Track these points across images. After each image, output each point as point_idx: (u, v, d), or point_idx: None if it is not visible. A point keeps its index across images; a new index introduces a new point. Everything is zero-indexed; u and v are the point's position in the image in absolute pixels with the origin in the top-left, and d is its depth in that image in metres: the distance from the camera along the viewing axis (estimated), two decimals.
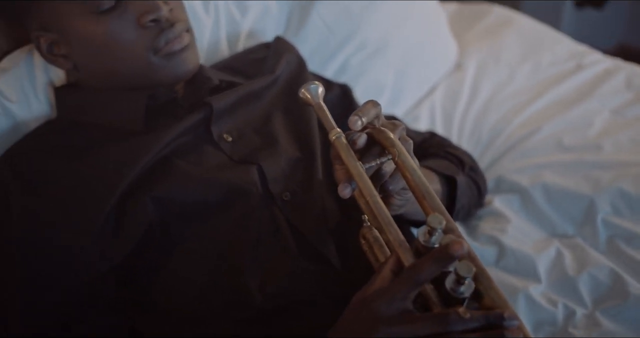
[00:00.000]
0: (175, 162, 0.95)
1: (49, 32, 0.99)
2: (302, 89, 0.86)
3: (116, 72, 1.00)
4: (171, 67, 0.99)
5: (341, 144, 0.79)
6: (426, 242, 0.71)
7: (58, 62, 1.01)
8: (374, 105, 0.80)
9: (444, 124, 1.44)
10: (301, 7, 1.36)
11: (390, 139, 0.79)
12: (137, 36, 0.97)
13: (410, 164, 0.78)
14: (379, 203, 0.76)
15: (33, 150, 0.97)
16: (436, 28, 1.53)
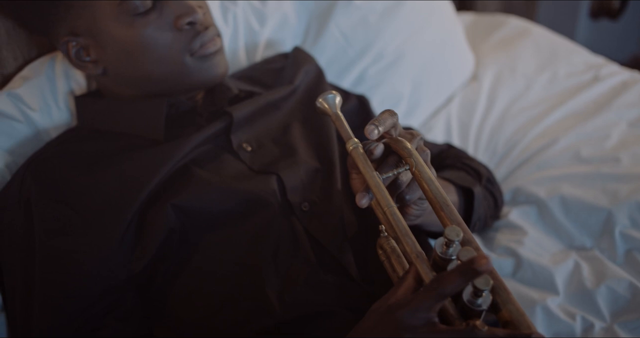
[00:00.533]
0: (195, 170, 0.95)
1: (79, 37, 0.99)
2: (319, 98, 0.86)
3: (149, 76, 1.00)
4: (205, 70, 1.00)
5: (358, 154, 0.80)
6: (443, 253, 0.71)
7: (87, 67, 1.01)
8: (391, 115, 0.81)
9: (460, 135, 1.44)
10: (319, 17, 1.37)
11: (408, 149, 0.79)
12: (173, 38, 0.98)
13: (428, 174, 0.78)
14: (396, 214, 0.76)
15: (55, 158, 0.98)
16: (453, 39, 1.53)
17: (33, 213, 0.92)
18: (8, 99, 1.07)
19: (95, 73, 1.02)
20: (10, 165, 1.03)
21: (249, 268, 0.90)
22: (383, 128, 0.79)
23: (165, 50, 0.98)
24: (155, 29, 0.97)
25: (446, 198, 0.76)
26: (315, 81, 1.17)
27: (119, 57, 0.99)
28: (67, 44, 1.00)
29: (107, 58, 1.00)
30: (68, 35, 0.99)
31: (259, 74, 1.20)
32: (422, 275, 0.71)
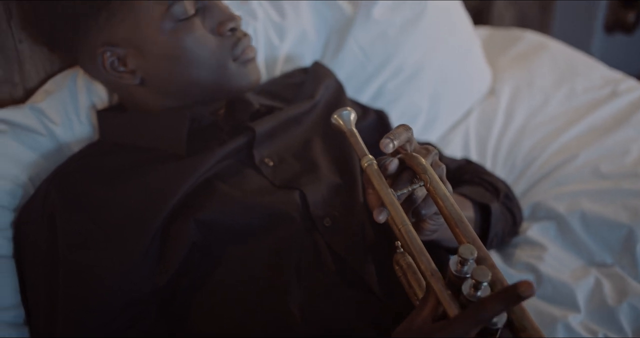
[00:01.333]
0: (217, 185, 0.96)
1: (117, 47, 0.99)
2: (334, 115, 0.87)
3: (192, 82, 1.00)
4: (245, 74, 1.02)
5: (373, 171, 0.80)
6: (458, 272, 0.70)
7: (123, 78, 1.01)
8: (406, 129, 0.80)
9: (478, 150, 1.43)
10: (338, 32, 1.38)
11: (422, 165, 0.79)
12: (217, 44, 0.99)
13: (442, 190, 0.77)
14: (411, 232, 0.76)
15: (78, 173, 0.98)
16: (471, 53, 1.53)
17: (57, 227, 0.92)
18: (31, 113, 1.07)
19: (132, 83, 1.01)
20: (33, 178, 1.03)
21: (272, 283, 0.90)
22: (398, 142, 0.79)
23: (211, 56, 0.99)
24: (201, 35, 0.98)
25: (461, 215, 0.76)
26: (335, 96, 1.17)
27: (160, 65, 0.99)
28: (103, 55, 0.99)
29: (147, 66, 0.99)
30: (104, 46, 0.99)
31: (278, 89, 1.20)
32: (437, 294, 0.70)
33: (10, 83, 1.11)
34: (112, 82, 1.03)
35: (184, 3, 0.96)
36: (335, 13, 1.38)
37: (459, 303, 0.69)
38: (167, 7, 0.96)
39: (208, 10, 1.00)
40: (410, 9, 1.39)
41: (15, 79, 1.11)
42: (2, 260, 0.97)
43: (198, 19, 0.99)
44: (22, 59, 1.11)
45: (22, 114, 1.07)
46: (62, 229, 0.92)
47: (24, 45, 1.11)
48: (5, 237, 0.98)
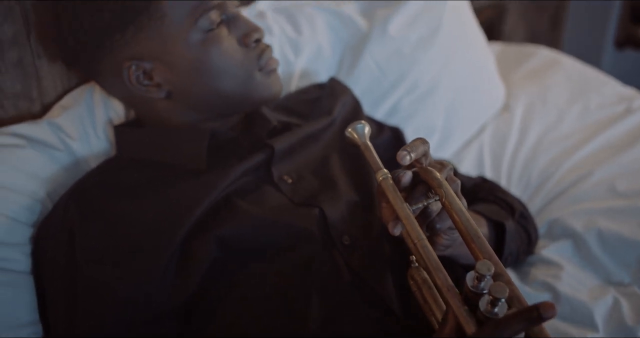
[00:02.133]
0: (236, 201, 0.95)
1: (143, 61, 0.99)
2: (348, 128, 0.87)
3: (219, 93, 1.00)
4: (269, 84, 1.03)
5: (388, 185, 0.79)
6: (474, 287, 0.70)
7: (150, 91, 1.01)
8: (423, 143, 0.80)
9: (492, 166, 1.43)
10: (353, 48, 1.38)
11: (437, 179, 0.78)
12: (243, 55, 1.00)
13: (458, 205, 0.77)
14: (427, 247, 0.75)
15: (97, 188, 0.98)
16: (485, 69, 1.54)
17: (76, 243, 0.92)
18: (48, 128, 1.08)
19: (158, 96, 1.01)
20: (51, 193, 1.03)
21: (290, 301, 0.90)
22: (415, 154, 0.78)
23: (238, 66, 1.00)
24: (228, 46, 0.99)
25: (477, 230, 0.75)
26: (352, 113, 1.17)
27: (188, 77, 0.99)
28: (129, 70, 0.99)
29: (174, 79, 0.99)
30: (130, 60, 0.99)
31: (294, 104, 1.20)
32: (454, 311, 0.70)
33: (28, 98, 1.11)
34: (135, 96, 1.02)
35: (210, 14, 0.97)
36: (350, 29, 1.38)
37: (475, 320, 0.68)
38: (195, 20, 0.96)
39: (233, 22, 1.01)
40: (426, 26, 1.39)
41: (33, 94, 1.12)
42: (21, 276, 0.97)
43: (224, 30, 0.99)
44: (41, 75, 1.12)
45: (40, 129, 1.07)
46: (80, 244, 0.91)
47: (43, 61, 1.11)
48: (24, 252, 0.98)
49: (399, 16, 1.38)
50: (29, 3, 1.06)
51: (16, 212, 0.98)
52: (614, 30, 2.53)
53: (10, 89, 1.08)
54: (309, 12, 1.37)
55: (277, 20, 1.34)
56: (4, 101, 1.08)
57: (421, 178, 0.81)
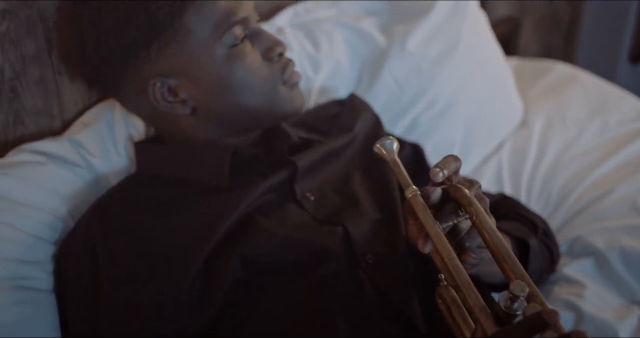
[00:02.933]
0: (259, 220, 0.95)
1: (168, 78, 0.98)
2: (377, 144, 0.86)
3: (244, 108, 1.00)
4: (293, 98, 1.03)
5: (418, 203, 0.79)
6: (507, 308, 0.69)
7: (174, 108, 1.00)
8: (455, 160, 0.80)
9: (511, 183, 1.42)
10: (371, 64, 1.38)
11: (468, 197, 0.78)
12: (268, 69, 1.00)
13: (489, 223, 0.76)
14: (458, 265, 0.74)
15: (119, 205, 0.98)
16: (504, 84, 1.53)
17: (98, 261, 0.91)
18: (69, 145, 1.07)
19: (183, 113, 1.01)
20: (72, 211, 1.03)
21: (314, 320, 0.89)
22: (447, 172, 0.78)
23: (262, 81, 1.00)
24: (252, 61, 0.99)
25: (508, 249, 0.75)
26: (373, 129, 1.17)
27: (213, 93, 0.99)
28: (154, 86, 0.99)
29: (199, 95, 0.99)
30: (155, 77, 0.98)
31: (313, 121, 1.20)
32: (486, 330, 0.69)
33: (49, 115, 1.11)
34: (158, 113, 1.02)
35: (234, 30, 0.97)
36: (368, 45, 1.38)
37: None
38: (219, 35, 0.96)
39: (256, 36, 1.01)
40: (445, 42, 1.39)
41: (54, 111, 1.12)
42: (42, 295, 0.96)
43: (247, 44, 1.00)
44: (62, 91, 1.12)
45: (61, 145, 1.07)
46: (103, 262, 0.91)
47: (64, 78, 1.11)
48: (46, 270, 0.97)
49: (418, 32, 1.37)
50: (51, 20, 1.06)
51: (38, 229, 0.98)
52: (628, 44, 2.52)
53: (31, 105, 1.08)
54: (328, 28, 1.37)
55: (296, 36, 1.34)
56: (25, 117, 1.08)
57: (450, 195, 0.80)
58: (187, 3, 0.95)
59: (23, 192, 0.99)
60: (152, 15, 0.94)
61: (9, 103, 1.05)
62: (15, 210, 0.97)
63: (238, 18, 0.98)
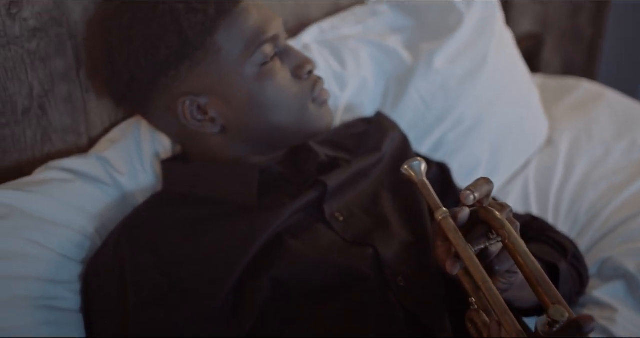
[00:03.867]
0: (288, 241, 0.94)
1: (198, 96, 0.98)
2: (405, 165, 0.85)
3: (274, 126, 1.00)
4: (322, 116, 1.03)
5: (449, 225, 0.77)
6: (546, 334, 0.68)
7: (204, 126, 1.00)
8: (487, 182, 0.79)
9: (538, 202, 1.40)
10: (397, 81, 1.37)
11: (499, 220, 0.77)
12: (297, 86, 1.00)
13: (522, 247, 0.75)
14: (492, 289, 0.73)
15: (147, 225, 0.97)
16: (530, 102, 1.52)
17: (127, 282, 0.90)
18: (97, 162, 1.07)
19: (212, 131, 1.01)
20: (99, 229, 1.02)
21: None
22: (479, 194, 0.77)
23: (292, 98, 1.00)
24: (282, 79, 0.99)
25: (543, 273, 0.73)
26: (401, 148, 1.16)
27: (243, 111, 0.99)
28: (183, 105, 0.99)
29: (229, 113, 0.99)
30: (185, 96, 0.98)
31: (340, 139, 1.19)
32: None
33: (75, 132, 1.11)
34: (187, 131, 1.02)
35: (265, 48, 0.97)
36: (394, 62, 1.37)
37: None
38: (250, 54, 0.96)
39: (285, 54, 1.01)
40: (472, 60, 1.38)
41: (81, 128, 1.12)
42: (70, 315, 0.95)
43: (277, 62, 1.00)
44: (89, 109, 1.12)
45: (88, 163, 1.06)
46: (132, 283, 0.90)
47: (91, 95, 1.11)
48: (72, 290, 0.97)
49: (445, 49, 1.36)
50: (80, 38, 1.06)
51: (65, 248, 0.97)
52: None
53: (59, 122, 1.08)
54: (353, 46, 1.36)
55: (322, 54, 1.33)
56: (52, 135, 1.08)
57: (481, 218, 0.79)
58: (219, 21, 0.95)
59: (51, 209, 0.98)
60: (184, 34, 0.94)
61: (37, 120, 1.05)
62: (43, 228, 0.96)
63: (268, 36, 0.98)
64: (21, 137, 1.04)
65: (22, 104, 1.03)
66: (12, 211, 0.94)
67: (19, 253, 0.93)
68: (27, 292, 0.92)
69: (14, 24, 0.97)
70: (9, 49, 0.98)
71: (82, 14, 1.06)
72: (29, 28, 0.99)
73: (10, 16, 0.96)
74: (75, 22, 1.05)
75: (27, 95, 1.03)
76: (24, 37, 0.99)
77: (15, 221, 0.94)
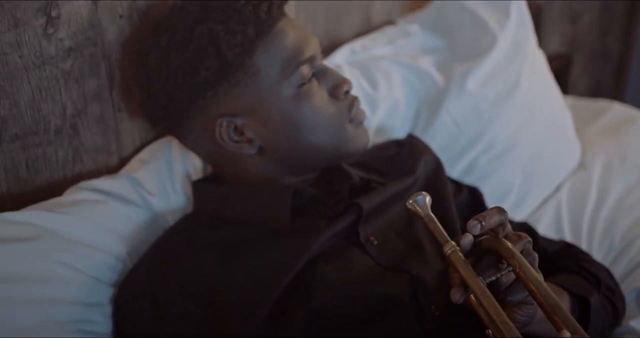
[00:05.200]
0: (322, 267, 0.92)
1: (236, 117, 0.98)
2: (409, 200, 0.85)
3: (312, 147, 1.00)
4: (359, 136, 1.03)
5: (458, 259, 0.78)
6: None
7: (241, 147, 0.99)
8: (499, 212, 0.78)
9: (571, 227, 1.37)
10: (429, 103, 1.35)
11: (509, 249, 0.76)
12: (335, 107, 1.00)
13: (534, 275, 0.75)
14: (507, 323, 0.73)
15: (179, 248, 0.96)
16: (562, 125, 1.49)
17: (158, 308, 0.89)
18: (128, 183, 1.06)
19: (249, 153, 1.00)
20: (130, 251, 1.01)
21: None
22: (487, 225, 0.76)
23: (330, 119, 0.99)
24: (319, 99, 0.99)
25: (557, 301, 0.73)
26: (434, 171, 1.14)
27: (281, 132, 0.98)
28: (220, 126, 0.98)
29: (267, 135, 0.98)
30: (222, 117, 0.97)
31: (372, 161, 1.17)
32: None
33: (107, 152, 1.11)
34: (222, 152, 1.00)
35: (302, 69, 0.97)
36: (426, 83, 1.36)
37: None
38: (288, 75, 0.96)
39: (322, 74, 1.01)
40: (505, 82, 1.36)
41: (111, 148, 1.11)
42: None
43: (315, 83, 0.99)
44: (120, 128, 1.11)
45: (120, 184, 1.06)
46: (164, 309, 0.89)
47: (123, 114, 1.11)
48: (104, 313, 0.96)
49: (478, 72, 1.35)
50: (114, 58, 1.06)
51: (98, 270, 0.96)
52: None
53: (90, 142, 1.08)
54: (385, 67, 1.35)
55: (353, 74, 1.32)
56: (83, 155, 1.08)
57: (491, 248, 0.78)
58: (257, 42, 0.95)
59: (83, 231, 0.97)
60: (222, 56, 0.93)
61: (69, 140, 1.05)
62: (75, 250, 0.95)
63: (305, 57, 0.98)
64: (52, 156, 1.04)
65: (54, 124, 1.02)
66: (44, 232, 0.94)
67: (52, 276, 0.92)
68: (60, 316, 0.91)
69: (49, 44, 0.97)
70: (44, 69, 0.98)
71: (116, 33, 1.05)
72: (64, 48, 0.99)
73: (47, 36, 0.96)
74: (110, 42, 1.05)
75: (60, 115, 1.02)
76: (58, 57, 0.99)
77: (47, 243, 0.93)
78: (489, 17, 1.41)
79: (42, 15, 0.95)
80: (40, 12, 0.95)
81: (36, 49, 0.96)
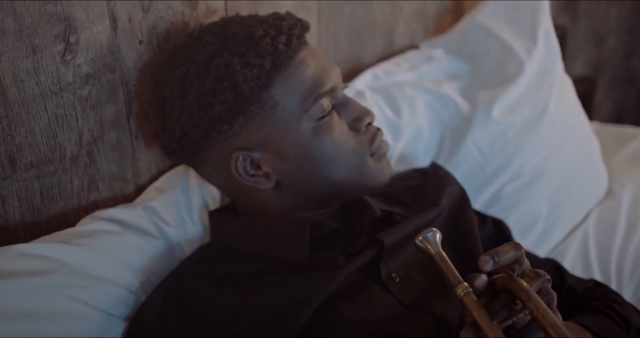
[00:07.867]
0: (342, 304, 0.88)
1: (253, 151, 0.95)
2: (419, 237, 0.82)
3: (330, 182, 0.96)
4: (381, 169, 0.99)
5: (472, 302, 0.75)
6: None
7: (258, 182, 0.96)
8: (514, 248, 0.76)
9: (599, 258, 1.33)
10: (453, 130, 1.32)
11: (525, 290, 0.74)
12: (356, 140, 0.96)
13: (552, 319, 0.72)
14: None
15: (194, 281, 0.93)
16: (590, 153, 1.45)
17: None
18: (144, 213, 1.03)
19: (266, 187, 0.96)
20: (144, 283, 0.98)
21: None
22: (500, 260, 0.74)
23: (350, 153, 0.96)
24: (340, 133, 0.95)
25: None
26: (459, 203, 1.10)
27: (299, 166, 0.95)
28: (236, 160, 0.95)
29: (285, 169, 0.95)
30: (238, 151, 0.94)
31: (394, 191, 1.13)
32: None
33: (122, 180, 1.08)
34: (238, 186, 0.97)
35: (322, 102, 0.93)
36: (450, 110, 1.33)
37: None
38: (307, 108, 0.93)
39: (343, 106, 0.97)
40: (531, 110, 1.32)
41: (127, 176, 1.08)
42: None
43: (335, 116, 0.96)
44: (137, 156, 1.09)
45: (136, 213, 1.03)
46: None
47: (140, 141, 1.08)
48: None
49: (504, 99, 1.31)
50: (132, 84, 1.04)
51: (111, 305, 0.93)
52: None
53: (106, 170, 1.05)
54: (409, 93, 1.31)
55: (376, 101, 1.29)
56: (99, 183, 1.05)
57: (506, 287, 0.76)
58: (275, 75, 0.91)
59: (97, 264, 0.94)
60: (239, 89, 0.90)
61: (84, 168, 1.02)
62: (89, 285, 0.92)
63: (326, 89, 0.94)
64: (67, 185, 1.01)
65: (70, 151, 1.00)
66: (58, 266, 0.91)
67: (64, 312, 0.89)
68: None
69: (67, 71, 0.95)
70: (61, 96, 0.96)
71: (135, 59, 1.03)
72: (82, 74, 0.97)
73: (64, 63, 0.94)
74: (129, 67, 1.03)
75: (76, 143, 1.00)
76: (76, 84, 0.97)
77: (61, 277, 0.90)
78: (516, 43, 1.38)
79: (61, 41, 0.93)
80: (58, 38, 0.92)
81: (53, 75, 0.94)
